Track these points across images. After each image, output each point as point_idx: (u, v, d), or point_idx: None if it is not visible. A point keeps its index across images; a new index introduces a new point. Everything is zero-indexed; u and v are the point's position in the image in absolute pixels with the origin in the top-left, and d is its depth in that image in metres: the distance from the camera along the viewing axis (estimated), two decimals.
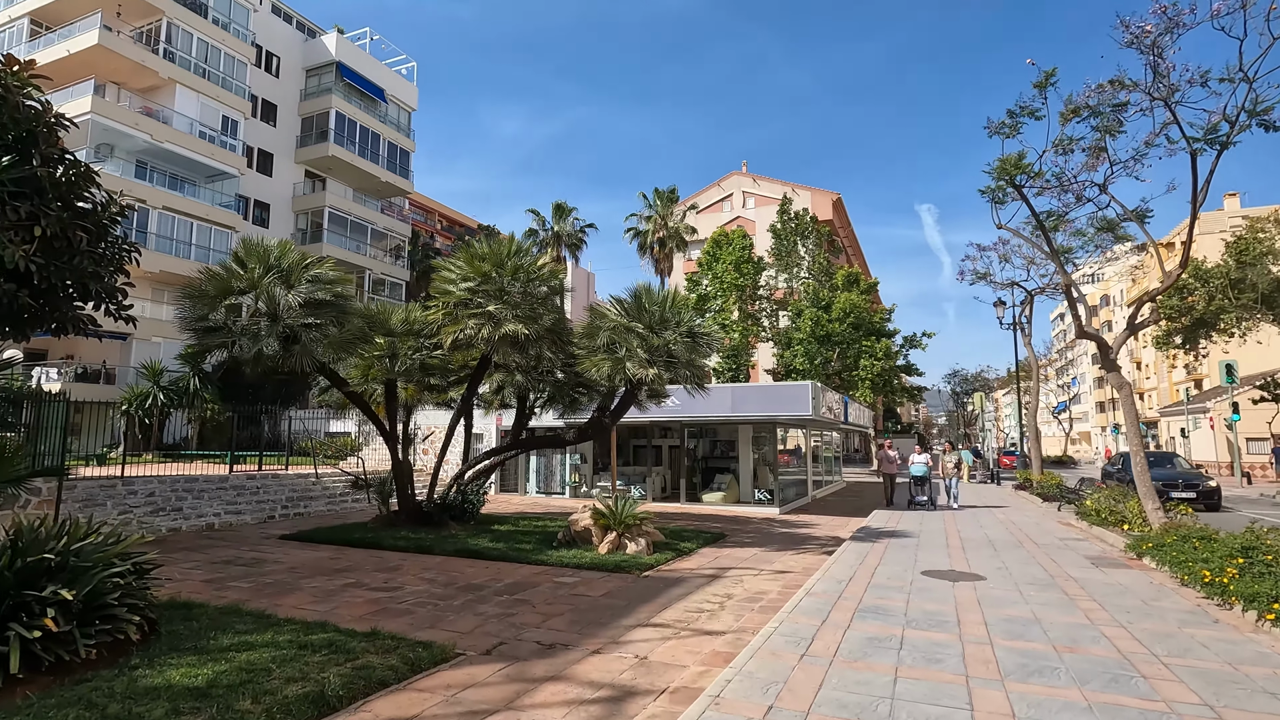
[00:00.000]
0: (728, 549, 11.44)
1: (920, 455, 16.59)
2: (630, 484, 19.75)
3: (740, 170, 58.53)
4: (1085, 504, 13.20)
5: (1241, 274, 31.24)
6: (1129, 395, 10.24)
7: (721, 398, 17.11)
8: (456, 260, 11.69)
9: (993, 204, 12.62)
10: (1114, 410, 78.08)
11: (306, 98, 37.44)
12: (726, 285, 40.26)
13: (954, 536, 11.85)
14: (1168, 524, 8.98)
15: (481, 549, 10.56)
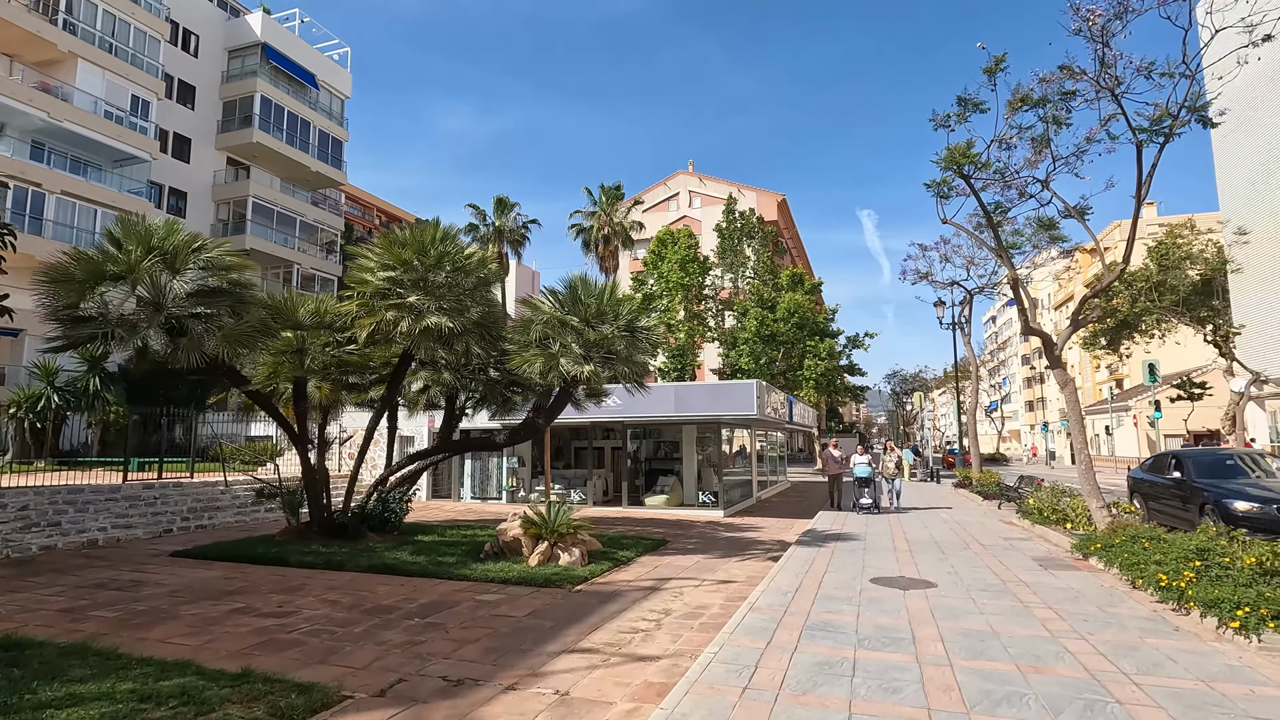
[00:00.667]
0: (669, 557, 10.79)
1: (862, 456, 15.70)
2: (570, 487, 18.96)
3: (687, 170, 58.39)
4: (1028, 502, 13.11)
5: (1163, 277, 32.66)
6: (1073, 392, 10.07)
7: (664, 397, 16.51)
8: (375, 247, 10.71)
9: (938, 199, 12.38)
10: (1042, 409, 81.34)
11: (229, 80, 35.22)
12: (672, 284, 39.82)
13: (900, 539, 11.51)
14: (1114, 523, 8.78)
15: (399, 563, 9.62)
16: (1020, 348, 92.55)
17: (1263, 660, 4.98)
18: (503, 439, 12.06)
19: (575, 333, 10.11)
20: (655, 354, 39.33)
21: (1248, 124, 27.94)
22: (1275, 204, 26.11)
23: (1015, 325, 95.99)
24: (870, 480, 15.56)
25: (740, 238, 42.53)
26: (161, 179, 30.97)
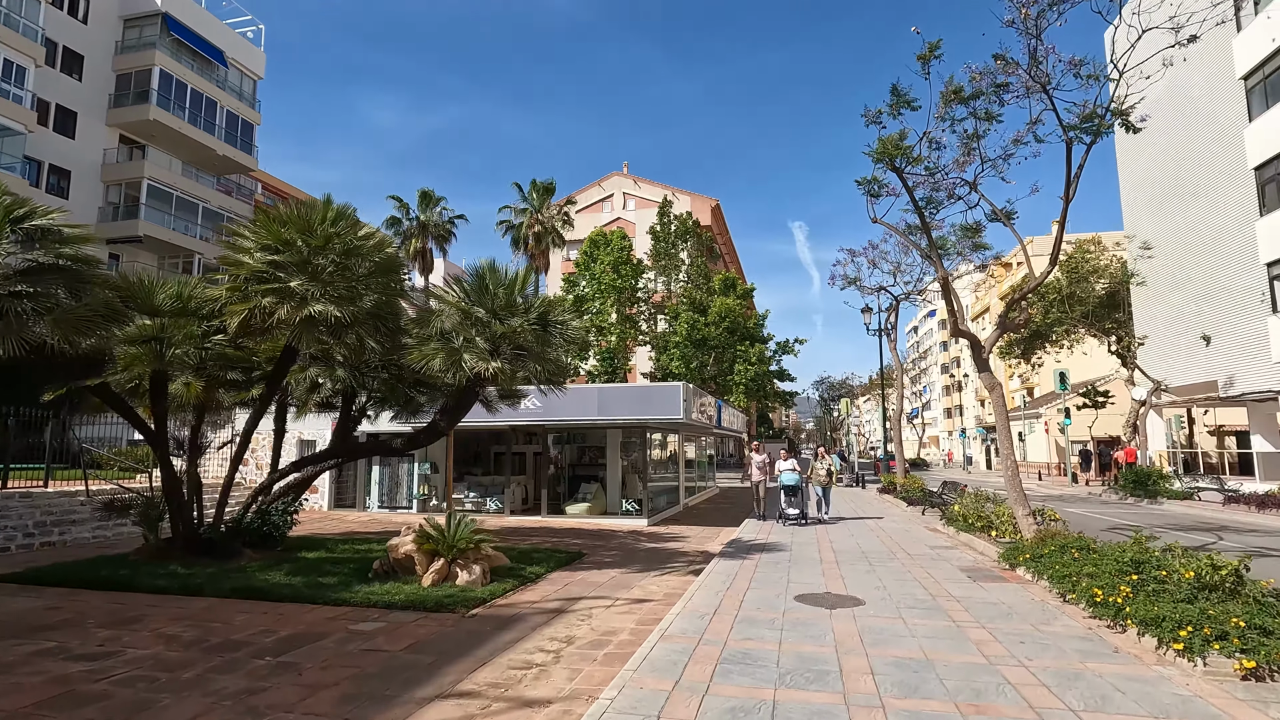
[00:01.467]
0: (583, 571, 9.93)
1: (787, 461, 14.66)
2: (487, 495, 17.83)
3: (621, 171, 57.82)
4: (953, 509, 12.91)
5: (1072, 290, 34.21)
6: (1000, 395, 9.81)
7: (587, 400, 15.65)
8: (253, 225, 9.43)
9: (868, 197, 12.06)
10: (960, 415, 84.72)
11: (124, 51, 32.34)
12: (604, 286, 39.04)
13: (827, 549, 11.03)
14: (1041, 532, 8.50)
15: (271, 586, 8.39)
16: (940, 356, 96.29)
17: (1212, 688, 4.55)
18: (400, 444, 10.92)
19: (480, 325, 9.15)
20: (576, 352, 38.24)
21: (1149, 145, 29.49)
22: (1174, 222, 27.55)
23: (936, 335, 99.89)
24: (798, 489, 14.55)
25: (674, 241, 42.18)
26: (40, 154, 28.00)
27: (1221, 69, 24.16)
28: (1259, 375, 22.92)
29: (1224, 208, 24.44)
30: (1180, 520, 16.55)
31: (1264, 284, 22.19)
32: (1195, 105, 25.94)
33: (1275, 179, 21.56)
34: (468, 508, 17.86)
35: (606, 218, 55.08)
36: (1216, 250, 24.94)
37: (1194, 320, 26.47)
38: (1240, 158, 23.20)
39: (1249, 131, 22.55)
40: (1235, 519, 16.62)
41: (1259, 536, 13.45)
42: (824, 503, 15.51)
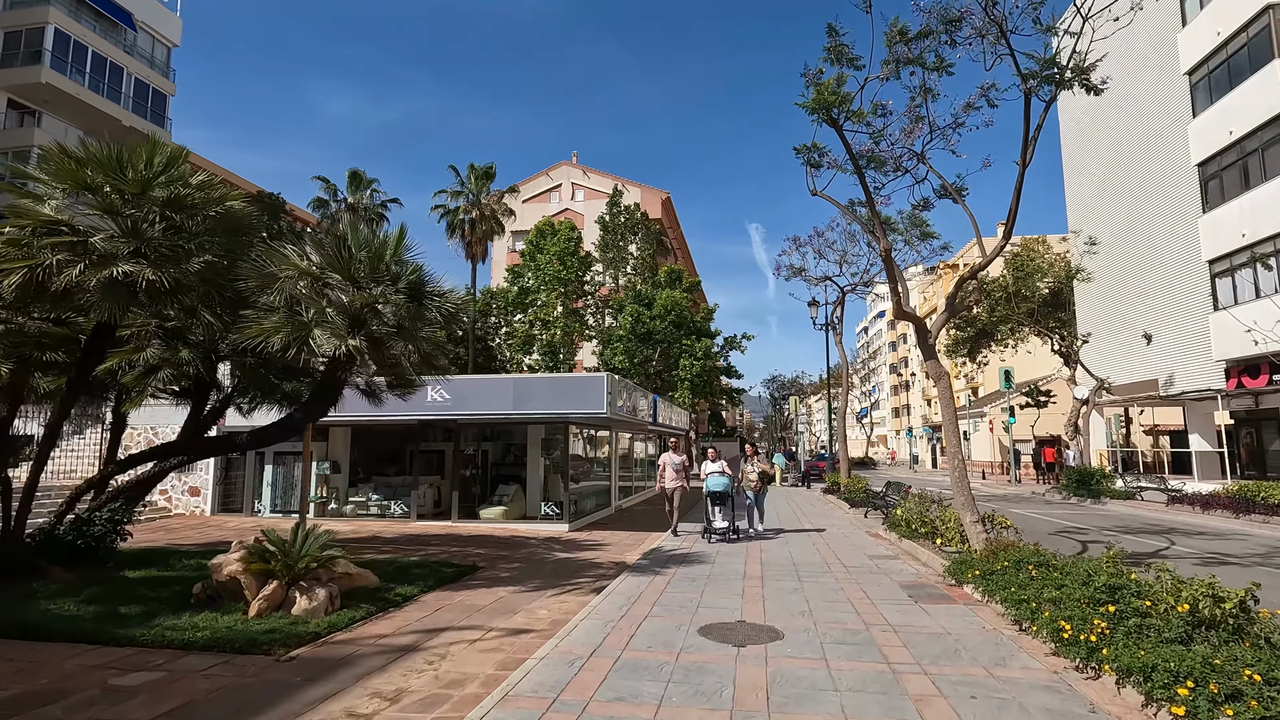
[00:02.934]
0: (467, 591, 8.38)
1: (714, 464, 11.90)
2: (394, 498, 16.06)
3: (570, 161, 56.05)
4: (895, 513, 11.80)
5: (1017, 288, 34.10)
6: (947, 385, 8.66)
7: (501, 391, 14.07)
8: (48, 165, 7.59)
9: (808, 167, 10.85)
10: (907, 415, 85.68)
11: (13, 7, 29.24)
12: (549, 278, 37.35)
13: (754, 561, 9.73)
14: (992, 543, 7.35)
15: (54, 618, 6.62)
16: (889, 356, 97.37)
17: None
18: (245, 439, 9.15)
19: (335, 294, 7.51)
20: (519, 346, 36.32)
21: (1090, 141, 29.40)
22: (1117, 220, 27.41)
23: (885, 335, 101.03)
24: (727, 496, 11.85)
25: (623, 233, 40.76)
26: None
27: (1166, 64, 23.96)
28: (1199, 374, 22.76)
29: (1166, 206, 24.28)
30: (1127, 522, 15.90)
31: (1205, 282, 21.99)
32: (1139, 102, 25.77)
33: (1218, 176, 21.33)
34: (373, 512, 16.08)
35: (554, 208, 53.29)
36: (1158, 248, 24.79)
37: (1135, 319, 26.34)
38: (1182, 155, 23.00)
39: (1193, 128, 22.33)
40: (1182, 520, 16.06)
41: (1210, 540, 12.75)
42: (757, 513, 12.63)
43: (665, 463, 12.66)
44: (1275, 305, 17.28)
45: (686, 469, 12.90)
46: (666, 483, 12.61)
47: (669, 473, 12.59)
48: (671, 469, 12.58)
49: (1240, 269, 20.30)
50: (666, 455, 12.66)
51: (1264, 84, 19.08)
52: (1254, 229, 19.40)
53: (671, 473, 12.57)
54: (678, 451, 12.76)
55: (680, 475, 12.53)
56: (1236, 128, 20.13)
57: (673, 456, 12.63)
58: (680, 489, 12.50)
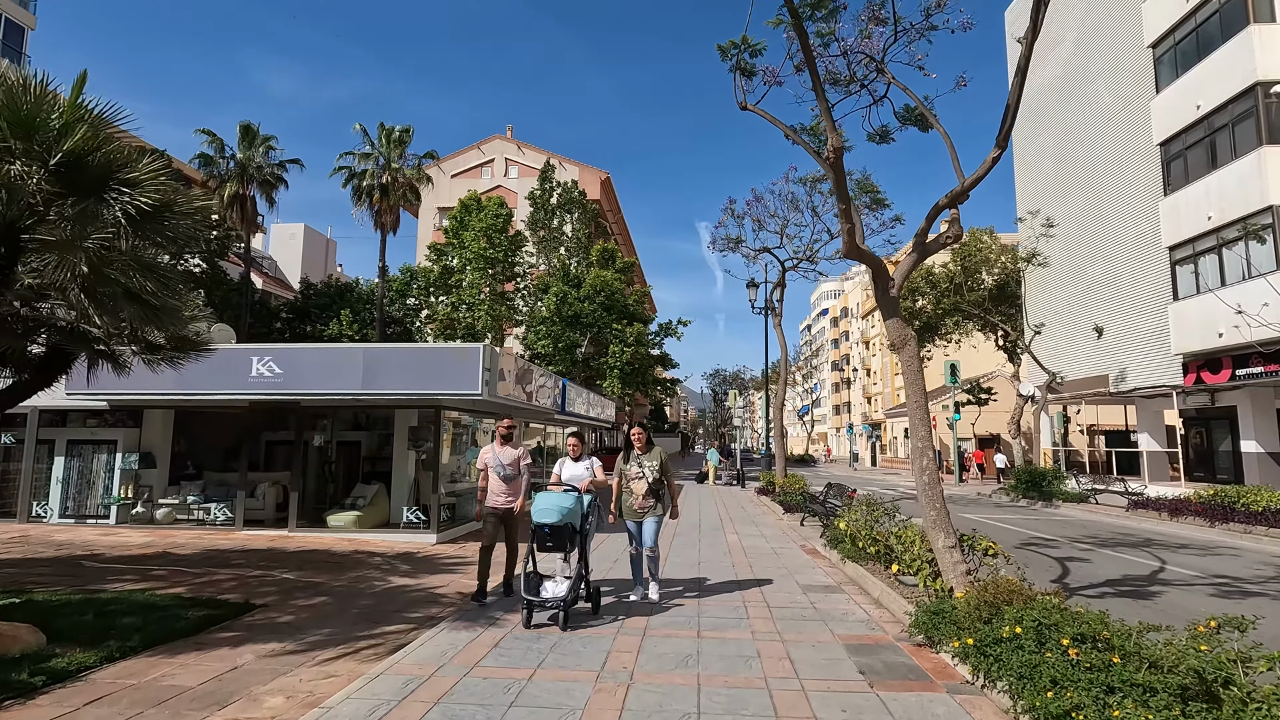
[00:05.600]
0: (193, 654, 5.39)
1: (578, 464, 6.81)
2: (227, 498, 12.72)
3: (505, 135, 52.51)
4: (838, 524, 9.30)
5: (963, 279, 32.71)
6: (914, 355, 6.15)
7: (347, 365, 10.99)
8: None
9: (736, 74, 8.23)
10: (848, 412, 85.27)
11: None
12: (474, 256, 33.95)
13: (636, 615, 7.03)
14: (984, 587, 4.79)
15: None
16: (831, 354, 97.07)
17: None
18: None
19: None
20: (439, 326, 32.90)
21: (1042, 122, 28.01)
22: (1068, 208, 25.96)
23: (828, 333, 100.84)
24: (569, 534, 6.10)
25: (556, 210, 37.67)
26: None
27: (1127, 37, 22.47)
28: (1153, 369, 21.36)
29: (1123, 190, 22.83)
30: (1094, 530, 13.95)
31: (1164, 271, 20.53)
32: (1096, 79, 24.30)
33: (1182, 155, 19.82)
34: (195, 516, 12.73)
35: (486, 185, 49.75)
36: (1112, 236, 23.37)
37: (1085, 312, 24.96)
38: (1143, 135, 21.52)
39: (1155, 104, 20.81)
40: (1151, 529, 14.22)
41: (1200, 555, 10.76)
42: (648, 560, 6.88)
43: (489, 460, 6.99)
44: (1246, 291, 15.71)
45: (518, 475, 7.15)
46: (493, 499, 6.99)
47: (492, 480, 6.98)
48: (495, 472, 6.94)
49: (1204, 255, 18.81)
50: (491, 453, 7.03)
51: (1237, 52, 17.54)
52: (1222, 211, 17.88)
53: (497, 484, 6.97)
54: (510, 445, 7.12)
55: (512, 487, 7.04)
56: (1205, 102, 18.59)
57: (502, 452, 7.01)
58: (514, 510, 7.05)
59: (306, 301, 35.30)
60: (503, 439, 7.15)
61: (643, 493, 6.73)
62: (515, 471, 7.14)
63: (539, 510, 6.03)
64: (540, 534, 6.05)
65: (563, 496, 6.13)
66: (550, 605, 5.86)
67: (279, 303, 36.15)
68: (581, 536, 6.22)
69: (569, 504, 6.06)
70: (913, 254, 6.49)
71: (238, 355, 11.24)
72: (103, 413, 13.10)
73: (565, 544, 6.06)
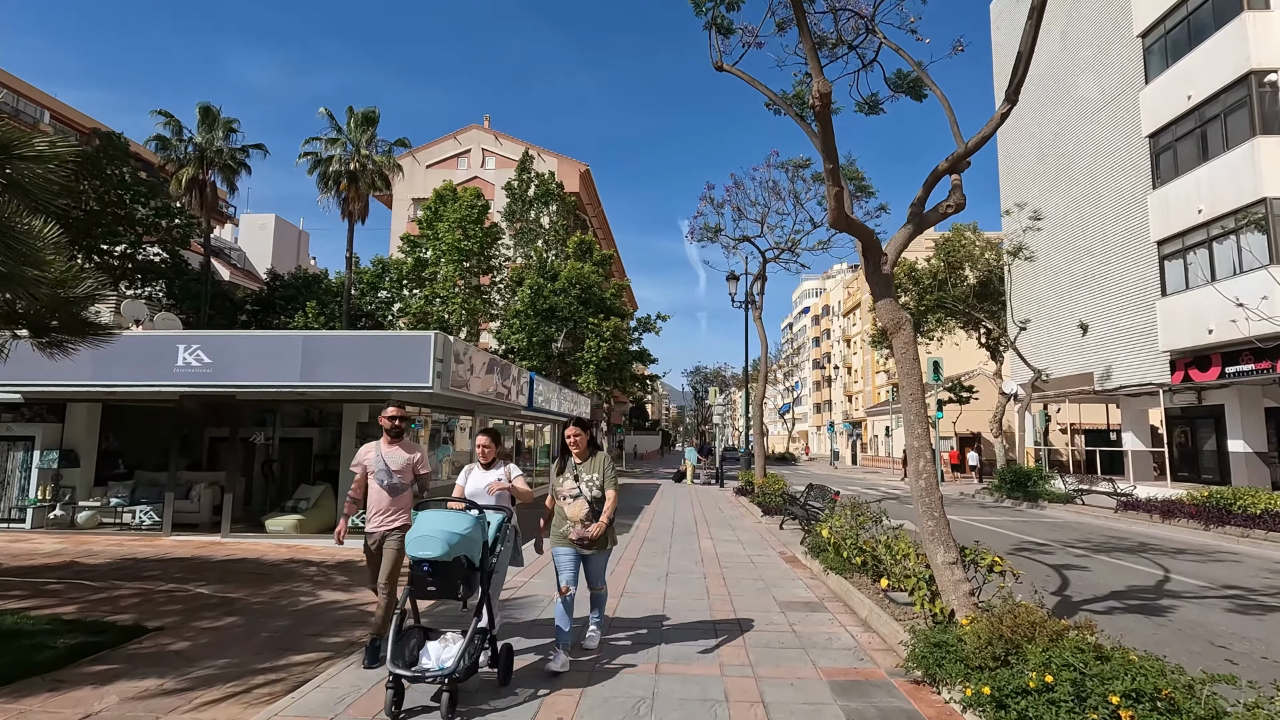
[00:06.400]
0: (42, 697, 4.43)
1: (489, 472, 5.07)
2: (158, 500, 11.62)
3: (482, 125, 51.25)
4: (820, 531, 8.50)
5: (946, 275, 32.24)
6: (909, 340, 5.35)
7: (285, 354, 9.99)
8: None
9: (711, 30, 7.41)
10: (829, 410, 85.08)
11: None
12: (449, 248, 32.81)
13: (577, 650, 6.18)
14: (997, 618, 3.96)
15: None
16: (812, 352, 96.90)
17: None
18: None
19: None
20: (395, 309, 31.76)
21: (1024, 126, 27.53)
22: (1053, 203, 25.48)
23: (809, 331, 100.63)
24: (462, 573, 4.15)
25: (534, 203, 36.61)
26: None
27: (1114, 28, 21.98)
28: (1140, 367, 20.90)
29: (1109, 183, 22.35)
30: (1086, 533, 13.32)
31: (1152, 266, 20.05)
32: (1082, 71, 23.81)
33: (1171, 147, 19.32)
34: (123, 520, 11.63)
35: (462, 176, 48.49)
36: (1098, 231, 22.88)
37: (1070, 308, 24.49)
38: (1130, 127, 21.03)
39: (1144, 95, 20.30)
40: (1143, 531, 13.64)
41: (1201, 562, 10.12)
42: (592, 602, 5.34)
43: (368, 462, 5.12)
44: (1239, 286, 15.18)
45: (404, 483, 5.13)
46: (372, 517, 5.10)
47: (371, 487, 5.09)
48: (374, 477, 5.06)
49: (1194, 249, 18.32)
50: (375, 449, 5.15)
51: (1230, 40, 17.04)
52: (1213, 204, 17.38)
53: (377, 493, 5.06)
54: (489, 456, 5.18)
55: (399, 509, 5.07)
56: (1196, 92, 18.08)
57: (392, 453, 5.10)
58: (396, 535, 4.99)
59: (272, 293, 33.98)
60: (391, 434, 5.15)
61: (581, 515, 4.81)
62: (406, 480, 5.07)
63: (416, 539, 4.04)
64: (418, 573, 4.06)
65: (453, 518, 4.19)
66: (432, 678, 3.90)
67: (244, 294, 34.74)
68: (485, 576, 4.32)
69: (463, 529, 4.11)
70: (908, 226, 5.68)
71: (162, 343, 10.18)
72: (19, 406, 11.94)
73: (456, 587, 4.09)
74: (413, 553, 4.06)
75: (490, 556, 4.43)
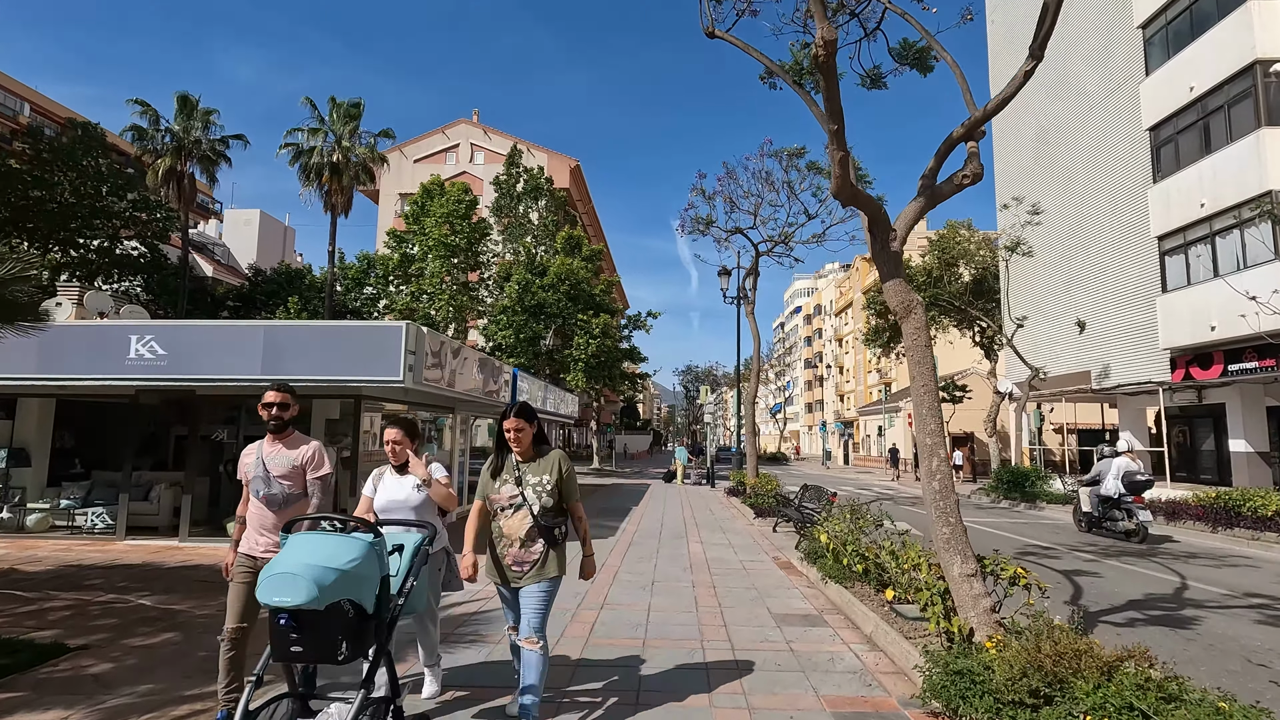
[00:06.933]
0: None
1: (404, 478, 4.09)
2: (114, 502, 10.93)
3: (471, 119, 50.50)
4: (817, 535, 7.93)
5: (940, 273, 31.80)
6: (920, 325, 4.78)
7: (245, 345, 9.32)
8: None
9: None
10: (821, 410, 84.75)
11: None
12: (435, 243, 32.10)
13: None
14: (1033, 646, 3.39)
15: None
16: (804, 351, 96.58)
17: None
18: None
19: None
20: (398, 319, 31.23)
21: (1020, 121, 27.11)
22: (1051, 199, 25.06)
23: (802, 330, 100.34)
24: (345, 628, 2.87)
25: (523, 197, 35.94)
26: None
27: (1113, 19, 21.57)
28: (1139, 365, 20.49)
29: (1108, 178, 21.94)
30: (1090, 536, 12.83)
31: (1153, 262, 19.63)
32: (1080, 64, 23.40)
33: (1173, 140, 18.90)
34: (76, 523, 10.93)
35: (450, 171, 47.76)
36: (1096, 226, 22.47)
37: (1066, 306, 24.08)
38: (1130, 120, 20.61)
39: (1145, 87, 19.88)
40: (1151, 534, 13.16)
41: (1216, 567, 9.63)
42: (524, 660, 3.55)
43: (247, 468, 3.96)
44: (1244, 280, 14.74)
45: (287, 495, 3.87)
46: (250, 538, 3.96)
47: (253, 507, 3.90)
48: (261, 489, 3.83)
49: (1196, 244, 17.89)
50: (256, 450, 3.94)
51: (1235, 29, 16.61)
52: (1216, 198, 16.95)
53: (262, 511, 3.86)
54: (401, 453, 4.12)
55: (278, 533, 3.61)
56: (1199, 83, 17.66)
57: (275, 454, 3.88)
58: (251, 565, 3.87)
59: (254, 289, 33.17)
60: (273, 429, 3.83)
61: (522, 534, 3.54)
62: (294, 488, 3.81)
63: (270, 580, 2.77)
64: (276, 628, 2.82)
65: (331, 546, 2.92)
66: None
67: (225, 290, 33.91)
68: (385, 627, 3.10)
69: (344, 561, 2.85)
70: (919, 199, 5.11)
71: (113, 334, 9.49)
72: None
73: (335, 646, 2.82)
74: (265, 598, 2.76)
75: (397, 598, 3.21)
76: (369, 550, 2.98)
